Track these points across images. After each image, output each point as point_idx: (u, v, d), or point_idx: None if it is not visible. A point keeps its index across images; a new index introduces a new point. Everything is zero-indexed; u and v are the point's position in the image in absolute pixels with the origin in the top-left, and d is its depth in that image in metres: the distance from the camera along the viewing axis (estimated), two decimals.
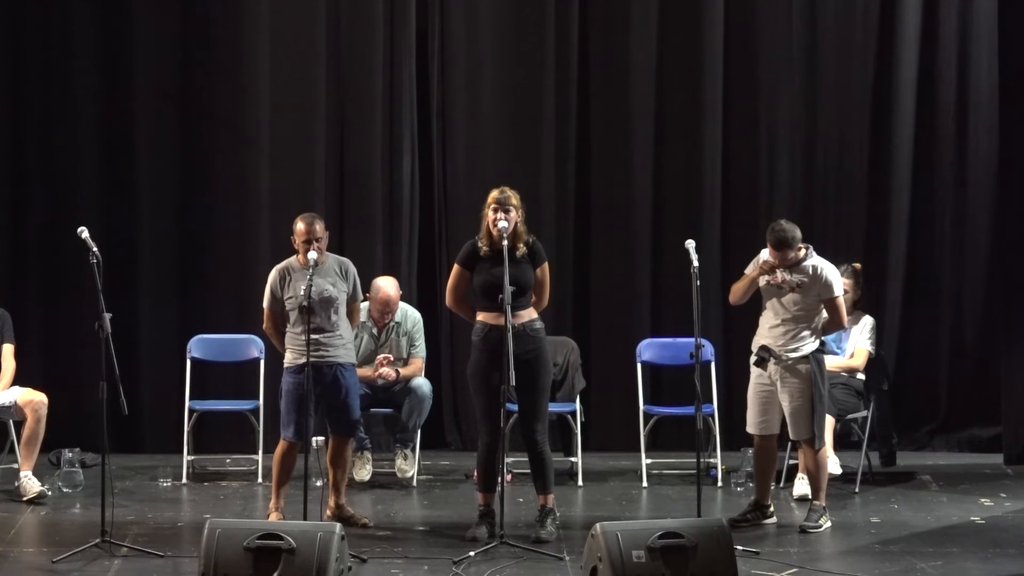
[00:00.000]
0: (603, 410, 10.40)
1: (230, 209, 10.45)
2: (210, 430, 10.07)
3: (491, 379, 7.79)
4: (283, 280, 8.08)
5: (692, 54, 10.50)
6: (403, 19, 10.41)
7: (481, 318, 7.92)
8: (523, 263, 7.82)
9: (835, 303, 8.06)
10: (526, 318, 7.84)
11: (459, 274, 7.98)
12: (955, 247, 10.59)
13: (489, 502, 7.95)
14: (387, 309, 9.34)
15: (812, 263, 8.05)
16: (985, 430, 10.47)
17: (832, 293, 8.04)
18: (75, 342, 10.08)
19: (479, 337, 7.91)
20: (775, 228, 8.04)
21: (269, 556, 6.29)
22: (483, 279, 7.86)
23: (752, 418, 8.20)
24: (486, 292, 7.83)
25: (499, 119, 10.53)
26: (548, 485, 7.98)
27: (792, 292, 8.01)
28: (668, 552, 6.28)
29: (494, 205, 7.85)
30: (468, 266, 7.94)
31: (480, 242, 7.89)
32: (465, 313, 8.08)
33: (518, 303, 7.76)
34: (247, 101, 10.43)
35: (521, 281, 7.76)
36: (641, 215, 10.53)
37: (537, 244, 7.95)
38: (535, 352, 7.85)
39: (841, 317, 8.14)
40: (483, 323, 7.90)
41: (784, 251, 7.98)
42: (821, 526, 8.13)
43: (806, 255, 8.05)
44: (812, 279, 8.01)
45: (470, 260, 7.93)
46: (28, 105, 10.35)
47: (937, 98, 10.54)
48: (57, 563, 7.35)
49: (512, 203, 7.83)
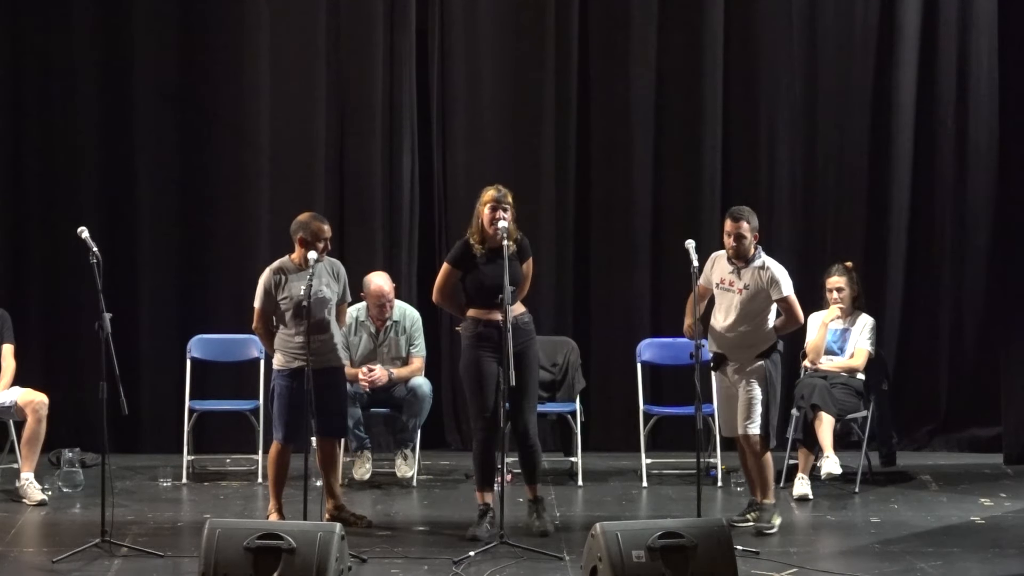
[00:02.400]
0: (603, 410, 10.41)
1: (230, 209, 10.45)
2: (210, 430, 10.07)
3: (486, 374, 7.86)
4: (278, 280, 8.08)
5: (692, 54, 10.50)
6: (403, 19, 10.41)
7: (472, 314, 8.00)
8: (513, 260, 7.89)
9: (788, 302, 8.01)
10: (516, 311, 7.94)
11: (449, 273, 8.05)
12: (955, 247, 10.59)
13: (488, 500, 7.98)
14: (382, 302, 9.33)
15: (759, 264, 8.00)
16: (985, 430, 10.47)
17: (782, 292, 7.99)
18: (75, 342, 10.08)
19: (471, 333, 7.98)
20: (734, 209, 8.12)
21: (269, 556, 6.29)
22: (476, 278, 7.92)
23: (724, 421, 8.22)
24: (479, 291, 7.89)
25: (499, 119, 10.53)
26: (537, 477, 8.12)
27: (741, 293, 7.97)
28: (668, 552, 6.28)
29: (492, 204, 7.90)
30: (460, 266, 8.00)
31: (472, 239, 7.94)
32: (453, 309, 8.20)
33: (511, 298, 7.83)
34: (247, 101, 10.43)
35: (514, 278, 7.84)
36: (641, 215, 10.53)
37: (524, 239, 8.04)
38: (526, 344, 7.97)
39: (796, 316, 8.08)
40: (475, 319, 7.97)
41: (738, 222, 7.96)
42: (774, 525, 8.06)
43: (755, 256, 8.02)
44: (761, 281, 7.96)
45: (462, 260, 7.98)
46: (28, 105, 10.35)
47: (937, 98, 10.54)
48: (57, 563, 7.35)
49: (509, 201, 7.90)
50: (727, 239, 8.03)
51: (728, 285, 8.03)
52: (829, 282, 9.45)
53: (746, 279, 8.00)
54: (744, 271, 8.00)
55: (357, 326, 9.38)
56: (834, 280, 9.44)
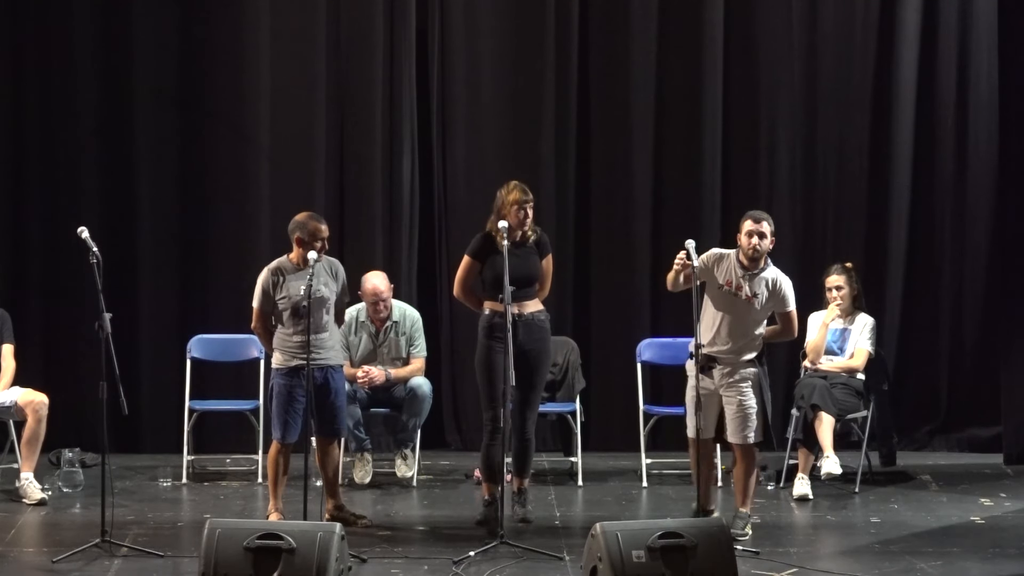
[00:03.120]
0: (603, 410, 10.41)
1: (230, 209, 10.45)
2: (210, 430, 10.07)
3: (497, 366, 7.98)
4: (276, 280, 8.08)
5: (692, 54, 10.50)
6: (403, 19, 10.41)
7: (490, 306, 8.13)
8: (532, 254, 8.04)
9: (791, 316, 7.97)
10: (533, 308, 8.08)
11: (470, 265, 8.19)
12: (955, 247, 10.59)
13: (495, 493, 8.07)
14: (376, 300, 9.32)
15: (771, 276, 7.91)
16: (985, 430, 10.47)
17: (787, 307, 7.94)
18: (75, 342, 10.08)
19: (485, 324, 8.12)
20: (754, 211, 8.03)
21: (269, 556, 6.29)
22: (494, 270, 8.02)
23: (691, 422, 7.93)
24: (496, 282, 7.97)
25: (499, 119, 10.53)
26: (527, 471, 8.29)
27: (749, 301, 7.86)
28: (668, 552, 6.28)
29: (518, 205, 8.04)
30: (480, 257, 8.15)
31: (496, 235, 8.00)
32: (472, 303, 8.29)
33: (526, 293, 8.02)
34: (247, 101, 10.43)
35: (532, 272, 7.99)
36: (641, 215, 10.53)
37: (544, 236, 8.20)
38: (540, 342, 8.10)
39: (794, 329, 8.06)
40: (492, 311, 8.09)
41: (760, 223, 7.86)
42: (747, 533, 7.96)
43: (765, 264, 7.93)
44: (770, 293, 7.88)
45: (482, 251, 8.14)
46: (28, 105, 10.35)
47: (937, 98, 10.54)
48: (57, 563, 7.35)
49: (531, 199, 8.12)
50: (747, 239, 7.84)
51: (735, 290, 7.86)
52: (828, 281, 9.45)
53: (757, 288, 7.85)
54: (755, 279, 7.85)
55: (357, 326, 9.38)
56: (833, 279, 9.44)
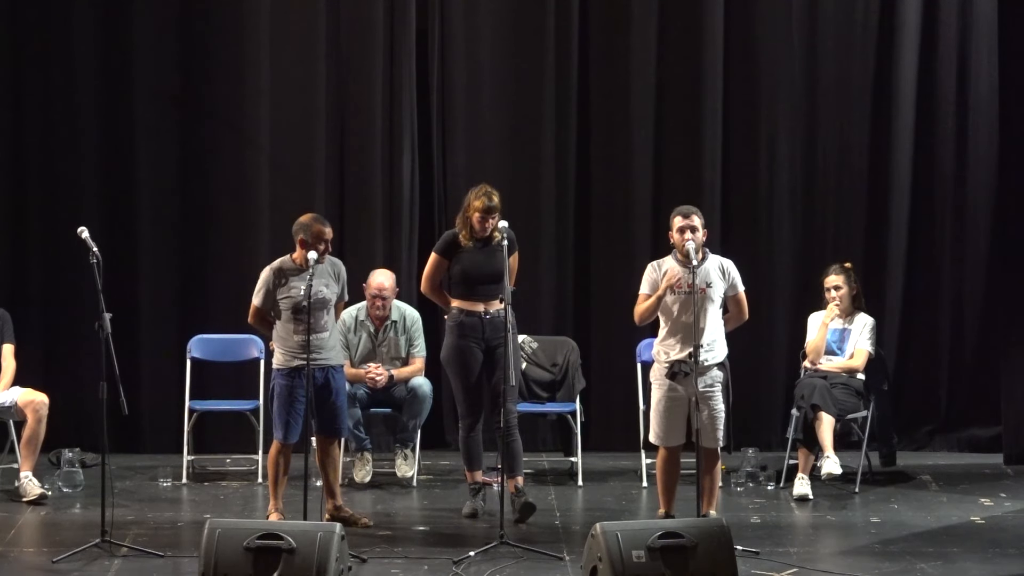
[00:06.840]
0: (603, 410, 10.40)
1: (230, 209, 10.45)
2: (210, 430, 10.07)
3: (468, 363, 8.24)
4: (278, 280, 8.08)
5: (692, 54, 10.50)
6: (403, 19, 10.41)
7: (457, 304, 8.33)
8: (499, 251, 8.10)
9: (740, 298, 7.98)
10: (500, 305, 8.14)
11: (437, 262, 8.40)
12: (955, 247, 10.59)
13: (478, 479, 8.42)
14: (376, 293, 9.33)
15: (718, 263, 7.91)
16: (985, 430, 10.47)
17: (739, 289, 7.97)
18: (75, 342, 10.07)
19: (454, 322, 8.32)
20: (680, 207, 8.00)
21: (269, 556, 6.29)
22: (462, 268, 8.27)
23: (663, 430, 7.89)
24: (465, 280, 8.26)
25: (499, 119, 10.53)
26: (519, 467, 8.35)
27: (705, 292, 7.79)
28: (668, 552, 6.28)
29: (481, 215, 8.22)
30: (448, 255, 8.34)
31: (461, 235, 8.27)
32: (440, 300, 8.51)
33: (491, 290, 8.22)
34: (247, 101, 10.43)
35: (497, 269, 8.08)
36: (641, 215, 10.53)
37: (511, 234, 8.18)
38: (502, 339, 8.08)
39: (745, 311, 8.02)
40: (459, 309, 8.32)
41: (689, 217, 7.85)
42: None
43: (706, 255, 7.91)
44: (723, 277, 7.90)
45: (450, 249, 8.33)
46: (28, 105, 10.35)
47: (937, 98, 10.54)
48: (57, 563, 7.36)
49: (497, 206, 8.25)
50: (679, 236, 7.80)
51: (687, 288, 7.76)
52: (827, 281, 9.45)
53: (708, 278, 7.83)
54: (699, 269, 7.79)
55: (357, 326, 9.39)
56: (832, 279, 9.44)
